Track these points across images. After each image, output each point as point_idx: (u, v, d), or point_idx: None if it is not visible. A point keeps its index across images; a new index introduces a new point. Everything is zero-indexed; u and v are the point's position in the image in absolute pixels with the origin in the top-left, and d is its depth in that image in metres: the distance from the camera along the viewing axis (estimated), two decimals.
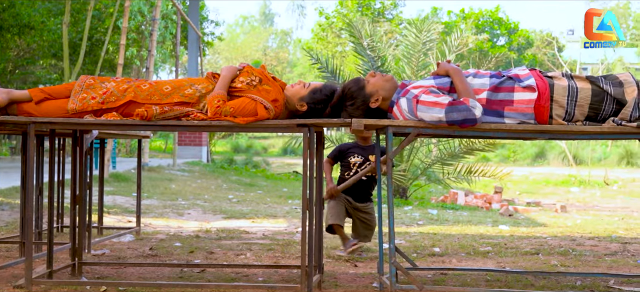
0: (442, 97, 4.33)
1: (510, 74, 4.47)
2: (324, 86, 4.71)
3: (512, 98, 4.36)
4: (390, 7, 44.94)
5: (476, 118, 4.26)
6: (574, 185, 20.58)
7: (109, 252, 6.43)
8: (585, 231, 9.08)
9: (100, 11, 26.51)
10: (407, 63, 13.84)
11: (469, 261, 6.34)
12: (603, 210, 13.76)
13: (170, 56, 32.46)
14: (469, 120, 4.27)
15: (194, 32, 23.30)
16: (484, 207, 13.07)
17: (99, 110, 4.65)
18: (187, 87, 4.70)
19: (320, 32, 45.73)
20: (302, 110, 4.66)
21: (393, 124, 4.43)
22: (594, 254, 6.69)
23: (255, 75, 4.75)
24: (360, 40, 13.69)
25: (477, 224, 9.83)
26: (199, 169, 19.48)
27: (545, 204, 14.60)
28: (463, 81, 4.41)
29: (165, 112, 4.55)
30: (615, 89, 4.35)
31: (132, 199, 11.38)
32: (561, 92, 4.35)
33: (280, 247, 6.93)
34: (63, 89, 4.79)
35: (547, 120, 4.38)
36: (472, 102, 4.27)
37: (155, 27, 16.24)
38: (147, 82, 4.76)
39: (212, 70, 5.92)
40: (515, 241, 7.80)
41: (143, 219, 8.66)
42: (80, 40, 23.74)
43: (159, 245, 6.90)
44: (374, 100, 4.59)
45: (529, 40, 49.74)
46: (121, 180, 13.77)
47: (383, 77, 4.65)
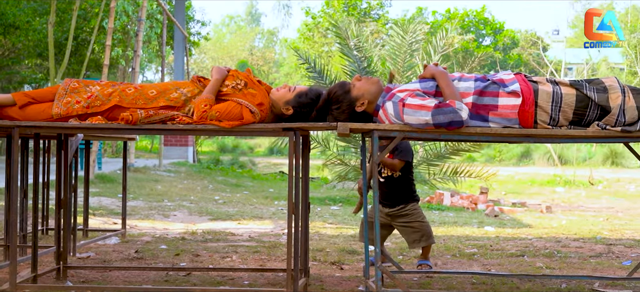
0: (428, 99, 4.34)
1: (495, 78, 4.47)
2: (310, 90, 4.71)
3: (496, 103, 4.37)
4: (376, 7, 44.99)
5: (462, 120, 4.27)
6: (559, 185, 20.63)
7: (94, 255, 6.41)
8: (571, 232, 9.12)
9: (86, 11, 26.41)
10: (393, 64, 13.84)
11: (454, 263, 6.35)
12: (588, 210, 13.80)
13: (156, 56, 32.39)
14: (455, 122, 4.27)
15: (180, 32, 23.26)
16: (469, 207, 13.09)
17: (83, 115, 4.63)
18: (173, 91, 4.69)
19: (306, 32, 45.74)
20: (288, 114, 4.66)
21: (379, 128, 4.43)
22: (579, 256, 6.72)
23: (241, 79, 4.74)
24: (346, 41, 13.68)
25: (463, 225, 9.85)
26: (185, 170, 19.43)
27: (530, 205, 14.63)
28: (449, 84, 4.41)
29: (151, 117, 4.53)
30: (600, 95, 4.36)
31: (117, 200, 11.34)
32: (545, 98, 4.36)
33: (266, 249, 6.93)
34: (47, 93, 4.77)
35: (531, 125, 4.39)
36: (459, 104, 4.27)
37: (141, 28, 16.20)
38: (132, 86, 4.74)
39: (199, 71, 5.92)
40: (501, 242, 7.82)
41: (129, 220, 8.65)
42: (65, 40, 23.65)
43: (144, 247, 6.88)
44: (359, 104, 4.59)
45: (515, 40, 49.93)
46: (107, 181, 13.71)
47: (369, 81, 4.65)
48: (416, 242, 5.92)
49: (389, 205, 5.98)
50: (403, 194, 5.98)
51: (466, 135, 4.41)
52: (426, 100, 4.32)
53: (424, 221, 5.94)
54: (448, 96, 4.33)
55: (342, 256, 6.46)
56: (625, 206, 14.74)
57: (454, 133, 4.36)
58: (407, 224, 5.94)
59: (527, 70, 47.61)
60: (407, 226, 5.94)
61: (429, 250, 5.99)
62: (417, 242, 5.91)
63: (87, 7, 26.43)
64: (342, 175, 14.37)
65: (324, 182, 18.60)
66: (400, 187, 5.98)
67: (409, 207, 5.95)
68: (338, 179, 14.65)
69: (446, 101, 4.30)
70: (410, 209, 5.95)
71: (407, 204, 5.96)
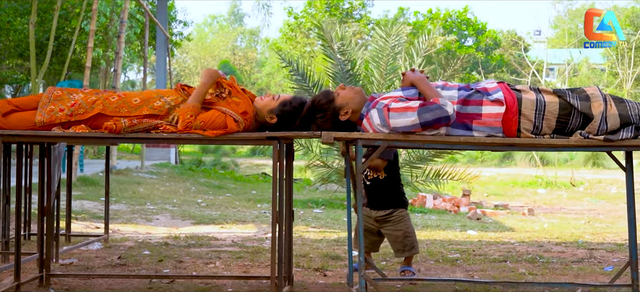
0: (412, 102, 4.36)
1: (479, 87, 4.49)
2: (294, 98, 4.72)
3: (480, 112, 4.39)
4: (358, 7, 45.02)
5: (449, 115, 4.27)
6: (540, 186, 20.74)
7: (77, 262, 6.38)
8: (552, 235, 9.16)
9: (67, 11, 26.28)
10: (376, 67, 13.88)
11: (437, 269, 6.37)
12: (570, 213, 13.89)
13: (138, 56, 32.27)
14: (442, 118, 4.27)
15: (162, 33, 23.19)
16: (452, 210, 13.14)
17: (67, 123, 4.61)
18: (156, 99, 4.68)
19: (289, 32, 45.71)
20: (272, 122, 4.67)
21: (363, 137, 4.44)
22: (561, 261, 6.75)
23: (225, 87, 4.75)
24: (330, 43, 13.70)
25: (446, 228, 9.88)
26: (168, 171, 19.39)
27: (512, 207, 14.71)
28: (429, 86, 4.43)
29: (134, 125, 4.53)
30: (582, 103, 4.39)
31: (100, 203, 11.30)
32: (529, 106, 4.39)
33: (250, 255, 6.92)
34: (30, 101, 4.76)
35: (515, 133, 4.41)
36: (443, 100, 4.29)
37: (122, 29, 16.14)
38: (116, 94, 4.73)
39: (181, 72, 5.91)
40: (484, 247, 7.85)
41: (111, 225, 8.61)
42: (47, 40, 23.53)
43: (127, 253, 6.86)
44: (343, 113, 4.60)
45: (497, 40, 50.11)
46: (89, 184, 13.66)
47: (352, 90, 4.67)
48: (400, 252, 5.91)
49: (377, 207, 5.93)
50: (391, 196, 5.94)
51: (450, 144, 4.43)
52: (410, 102, 4.34)
53: (409, 230, 5.90)
54: (430, 96, 4.35)
55: (325, 262, 6.46)
56: (606, 208, 14.84)
57: (440, 140, 4.37)
58: (392, 232, 5.91)
59: (509, 70, 47.85)
60: (392, 233, 5.91)
61: (411, 258, 6.00)
62: (401, 251, 5.90)
63: (69, 7, 26.30)
64: (325, 177, 14.40)
65: (306, 184, 18.61)
66: (388, 189, 5.94)
67: (396, 213, 5.91)
68: (321, 182, 14.68)
69: (432, 98, 4.32)
70: (397, 215, 5.91)
71: (396, 209, 5.91)
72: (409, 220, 5.98)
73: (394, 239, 5.92)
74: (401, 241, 5.87)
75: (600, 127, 4.36)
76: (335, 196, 14.68)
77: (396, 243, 5.90)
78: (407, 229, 5.89)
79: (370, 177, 5.94)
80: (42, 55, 24.21)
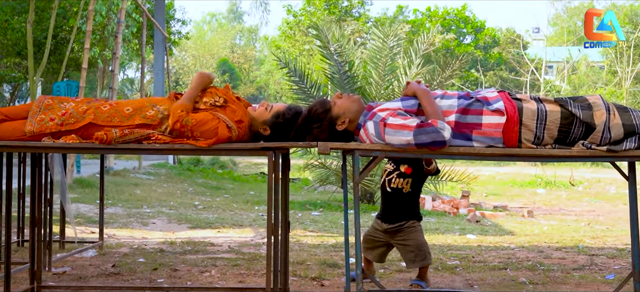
0: (410, 119, 4.25)
1: (479, 96, 4.39)
2: (288, 109, 4.62)
3: (480, 121, 4.29)
4: (357, 5, 44.90)
5: (445, 140, 4.19)
6: (539, 186, 20.66)
7: (70, 270, 6.27)
8: (552, 239, 9.07)
9: (65, 9, 26.19)
10: (374, 68, 13.78)
11: (437, 277, 6.27)
12: (569, 214, 13.80)
13: (136, 54, 32.16)
14: (438, 142, 4.19)
15: (159, 32, 23.08)
16: (451, 212, 13.05)
17: (57, 132, 4.51)
18: (149, 108, 4.58)
19: (287, 30, 45.60)
20: (265, 134, 4.57)
21: (360, 148, 4.35)
22: (562, 269, 6.65)
23: (220, 96, 4.64)
24: (327, 44, 13.59)
25: (445, 232, 9.79)
26: (165, 172, 19.29)
27: (512, 208, 14.62)
28: (431, 103, 4.33)
29: (126, 136, 4.42)
30: (584, 112, 4.30)
31: (96, 207, 11.18)
32: (530, 116, 4.29)
33: (246, 262, 6.82)
34: (20, 110, 4.66)
35: (516, 143, 4.32)
36: (441, 124, 4.19)
37: (119, 30, 16.03)
38: (108, 103, 4.63)
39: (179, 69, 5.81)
40: (483, 252, 7.76)
41: (107, 229, 8.52)
42: (45, 38, 23.43)
43: (122, 261, 6.75)
44: (340, 123, 4.50)
45: (495, 38, 50.03)
46: (85, 186, 13.56)
47: (349, 99, 4.57)
48: (411, 262, 5.64)
49: (388, 221, 5.67)
50: (407, 210, 5.67)
51: (448, 154, 4.33)
52: (408, 119, 4.23)
53: (421, 241, 5.63)
54: (430, 115, 4.25)
55: (323, 270, 6.36)
56: (606, 209, 14.76)
57: (436, 153, 4.28)
58: (403, 242, 5.64)
59: (508, 68, 47.77)
60: (403, 243, 5.65)
61: (426, 270, 5.70)
62: (412, 262, 5.63)
63: (67, 6, 26.21)
64: (323, 178, 14.30)
65: (304, 184, 18.53)
66: (407, 203, 5.67)
67: (408, 224, 5.63)
68: (319, 182, 14.58)
69: (428, 120, 4.22)
70: (409, 225, 5.63)
71: (408, 220, 5.64)
72: (421, 231, 5.72)
73: (405, 250, 5.66)
74: (413, 252, 5.61)
75: (603, 137, 4.27)
76: (333, 197, 14.58)
77: (408, 254, 5.64)
78: (419, 240, 5.63)
79: (393, 186, 5.66)
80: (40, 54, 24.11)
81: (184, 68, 55.68)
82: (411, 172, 5.63)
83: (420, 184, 5.78)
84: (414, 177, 5.66)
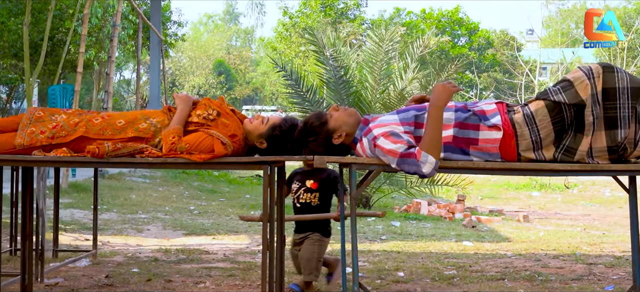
0: (398, 144, 4.11)
1: (476, 109, 4.29)
2: (284, 121, 4.55)
3: (477, 137, 4.21)
4: (352, 7, 44.82)
5: (424, 174, 4.10)
6: (534, 189, 20.62)
7: (63, 281, 6.19)
8: (549, 247, 9.02)
9: (62, 11, 26.10)
10: (369, 72, 13.72)
11: (434, 288, 6.20)
12: (565, 218, 13.77)
13: (132, 56, 32.07)
14: (418, 173, 4.10)
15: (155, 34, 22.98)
16: (447, 217, 12.99)
17: (48, 145, 4.44)
18: (142, 121, 4.51)
19: (283, 32, 45.48)
20: (262, 147, 4.50)
21: (357, 162, 4.28)
22: (560, 279, 6.59)
23: (213, 109, 4.57)
24: (322, 49, 13.53)
25: (441, 238, 9.73)
26: (161, 175, 19.18)
27: (507, 212, 14.58)
28: (432, 126, 4.12)
29: (118, 149, 4.35)
30: (567, 94, 4.15)
31: (90, 212, 11.09)
32: (521, 125, 4.19)
33: (241, 272, 6.74)
34: (10, 122, 4.59)
35: (515, 157, 4.24)
36: (424, 157, 4.05)
37: (115, 33, 15.95)
38: (100, 115, 4.56)
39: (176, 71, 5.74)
40: (480, 261, 7.70)
41: (101, 236, 8.44)
42: (41, 40, 23.33)
43: (115, 271, 6.68)
44: (337, 136, 4.43)
45: (489, 40, 50.00)
46: (80, 190, 13.47)
47: (346, 112, 4.49)
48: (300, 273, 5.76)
49: (298, 231, 5.82)
50: (314, 222, 5.75)
51: (448, 168, 4.27)
52: (397, 143, 4.12)
53: (312, 255, 5.65)
54: (424, 141, 4.11)
55: (317, 282, 6.28)
56: (601, 213, 14.73)
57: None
58: (300, 252, 5.74)
59: (502, 70, 47.73)
60: (301, 254, 5.73)
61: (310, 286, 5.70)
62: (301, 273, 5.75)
63: (63, 8, 26.12)
64: None
65: None
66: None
67: (311, 235, 5.72)
68: None
69: (416, 149, 4.10)
70: (312, 238, 5.71)
71: (312, 232, 5.73)
72: (320, 246, 5.73)
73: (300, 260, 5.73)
74: (304, 263, 5.66)
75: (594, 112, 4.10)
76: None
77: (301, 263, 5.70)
78: (311, 253, 5.66)
79: (302, 201, 5.78)
80: (36, 56, 24.04)
81: (180, 69, 55.58)
82: (317, 187, 5.77)
83: (329, 198, 5.87)
84: (321, 191, 5.78)
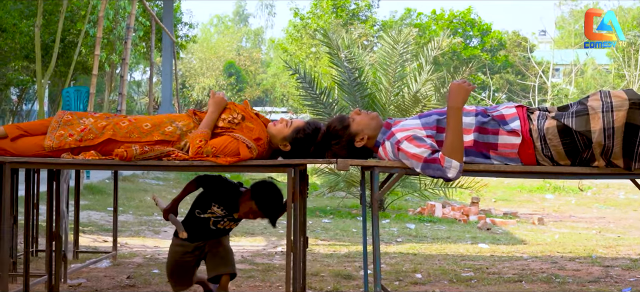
0: (422, 148, 4.17)
1: (496, 114, 4.32)
2: (307, 125, 4.61)
3: (496, 142, 4.25)
4: (364, 8, 44.88)
5: (449, 178, 4.16)
6: (548, 191, 20.62)
7: (85, 282, 6.27)
8: (565, 249, 9.05)
9: (73, 13, 26.22)
10: (384, 74, 13.77)
11: (452, 290, 6.26)
12: (579, 221, 13.77)
13: (143, 57, 32.19)
14: (443, 178, 4.16)
15: (167, 36, 23.10)
16: (461, 219, 13.03)
17: (76, 148, 4.51)
18: (168, 124, 4.59)
19: (294, 33, 45.58)
20: (286, 150, 4.57)
21: (380, 165, 4.34)
22: (577, 281, 6.63)
23: (238, 113, 4.64)
24: (336, 51, 13.59)
25: (456, 241, 9.78)
26: (174, 177, 19.30)
27: (522, 215, 14.59)
28: (454, 129, 4.18)
29: (146, 153, 4.42)
30: (578, 119, 4.13)
31: (107, 214, 11.22)
32: (535, 137, 4.23)
33: (260, 273, 6.81)
34: (39, 126, 4.67)
35: (534, 162, 4.28)
36: (448, 162, 4.11)
37: (129, 35, 16.05)
38: (127, 118, 4.63)
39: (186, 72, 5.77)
40: (497, 263, 7.74)
41: (119, 238, 8.50)
42: (52, 42, 23.49)
43: (136, 272, 6.76)
44: (359, 140, 4.49)
45: (502, 41, 49.93)
46: (95, 192, 13.58)
47: (368, 116, 4.55)
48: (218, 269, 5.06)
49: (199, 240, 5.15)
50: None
51: (470, 171, 4.32)
52: (420, 148, 4.17)
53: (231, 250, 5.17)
54: (445, 145, 4.16)
55: (338, 283, 6.34)
56: (616, 216, 14.73)
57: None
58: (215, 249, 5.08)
59: (514, 71, 47.67)
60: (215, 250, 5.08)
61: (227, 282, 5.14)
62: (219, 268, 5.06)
63: (74, 9, 26.25)
64: (333, 185, 14.31)
65: (313, 189, 18.52)
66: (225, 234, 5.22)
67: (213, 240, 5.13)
68: (328, 189, 14.58)
69: (440, 154, 4.14)
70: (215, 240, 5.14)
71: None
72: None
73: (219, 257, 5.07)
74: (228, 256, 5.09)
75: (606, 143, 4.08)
76: (342, 204, 14.59)
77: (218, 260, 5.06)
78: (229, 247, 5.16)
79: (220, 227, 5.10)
80: (47, 58, 24.17)
81: (190, 71, 55.69)
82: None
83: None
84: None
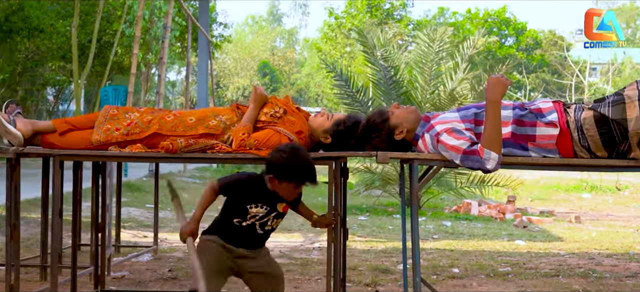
0: (461, 140, 4.23)
1: (533, 107, 4.38)
2: (348, 118, 4.70)
3: (534, 133, 4.30)
4: (398, 8, 44.88)
5: (488, 170, 4.21)
6: (585, 191, 20.50)
7: (128, 275, 6.41)
8: (602, 246, 9.04)
9: (109, 13, 26.55)
10: (419, 72, 13.80)
11: (489, 283, 6.31)
12: (617, 219, 13.70)
13: (178, 57, 32.49)
14: (482, 169, 4.21)
15: (203, 36, 23.30)
16: (497, 217, 13.02)
17: (123, 142, 4.64)
18: (212, 118, 4.70)
19: (329, 33, 45.70)
20: (327, 142, 4.66)
21: (419, 158, 4.41)
22: (615, 277, 6.65)
23: (280, 107, 4.74)
24: (372, 49, 13.64)
25: (493, 238, 9.80)
26: (210, 175, 19.47)
27: (558, 214, 14.54)
28: (492, 121, 4.22)
29: (191, 145, 4.53)
30: (614, 108, 4.17)
31: (146, 210, 11.39)
32: (572, 128, 4.28)
33: (299, 267, 6.91)
34: (86, 120, 4.80)
35: (572, 154, 4.32)
36: (487, 154, 4.16)
37: (166, 35, 16.23)
38: (172, 113, 4.75)
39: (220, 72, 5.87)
40: (533, 259, 7.77)
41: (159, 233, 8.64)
42: (89, 42, 23.83)
43: (177, 265, 6.88)
44: (398, 133, 4.56)
45: (537, 40, 49.65)
46: (133, 190, 13.76)
47: (407, 109, 4.63)
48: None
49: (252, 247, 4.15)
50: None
51: (508, 164, 4.37)
52: (460, 140, 4.23)
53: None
54: (484, 137, 4.20)
55: (376, 277, 6.42)
56: None
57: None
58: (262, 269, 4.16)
59: (550, 71, 47.36)
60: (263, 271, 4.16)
61: None
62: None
63: (110, 10, 26.56)
64: (368, 183, 14.35)
65: (348, 188, 18.57)
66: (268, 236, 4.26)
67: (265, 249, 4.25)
68: (364, 187, 14.63)
69: (479, 146, 4.20)
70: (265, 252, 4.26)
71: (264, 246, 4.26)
72: None
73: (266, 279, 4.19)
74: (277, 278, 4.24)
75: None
76: (378, 202, 14.63)
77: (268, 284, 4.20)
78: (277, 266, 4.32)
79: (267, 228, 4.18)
80: (84, 58, 24.52)
81: (224, 70, 56.05)
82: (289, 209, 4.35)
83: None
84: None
